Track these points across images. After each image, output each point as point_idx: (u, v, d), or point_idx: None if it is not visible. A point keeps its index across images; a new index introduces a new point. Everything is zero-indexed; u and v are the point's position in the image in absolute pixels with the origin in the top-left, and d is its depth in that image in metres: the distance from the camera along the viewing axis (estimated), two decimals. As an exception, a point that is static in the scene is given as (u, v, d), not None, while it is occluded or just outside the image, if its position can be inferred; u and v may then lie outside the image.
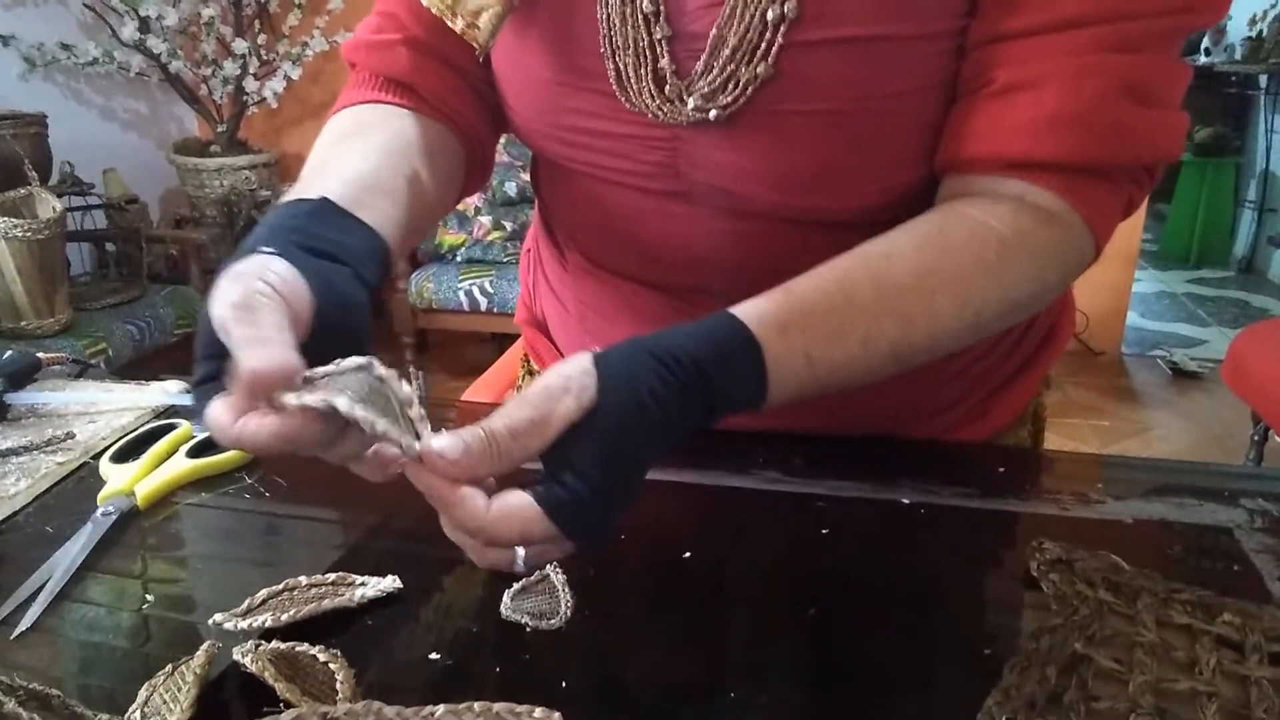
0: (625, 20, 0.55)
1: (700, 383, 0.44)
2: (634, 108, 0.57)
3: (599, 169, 0.62)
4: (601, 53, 0.56)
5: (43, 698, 0.41)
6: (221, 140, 3.26)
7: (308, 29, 3.19)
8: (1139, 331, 3.80)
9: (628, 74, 0.56)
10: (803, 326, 0.48)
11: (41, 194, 2.36)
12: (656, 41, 0.55)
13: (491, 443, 0.41)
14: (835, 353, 0.49)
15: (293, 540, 0.60)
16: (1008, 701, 0.42)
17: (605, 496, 0.42)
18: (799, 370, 0.48)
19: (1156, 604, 0.48)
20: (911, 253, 0.52)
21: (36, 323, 2.30)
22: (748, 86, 0.54)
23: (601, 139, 0.60)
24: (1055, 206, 0.53)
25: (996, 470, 0.65)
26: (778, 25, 0.52)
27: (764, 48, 0.52)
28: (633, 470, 0.43)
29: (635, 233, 0.64)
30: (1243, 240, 4.86)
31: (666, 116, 0.56)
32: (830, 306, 0.49)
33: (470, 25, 0.57)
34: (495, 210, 3.24)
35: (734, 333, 0.46)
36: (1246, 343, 2.22)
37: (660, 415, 0.43)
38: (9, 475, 0.64)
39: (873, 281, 0.51)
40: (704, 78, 0.55)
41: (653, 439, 0.43)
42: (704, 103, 0.55)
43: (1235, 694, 0.42)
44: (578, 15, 0.57)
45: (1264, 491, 0.62)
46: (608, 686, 0.46)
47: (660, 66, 0.55)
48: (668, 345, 0.44)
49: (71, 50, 2.91)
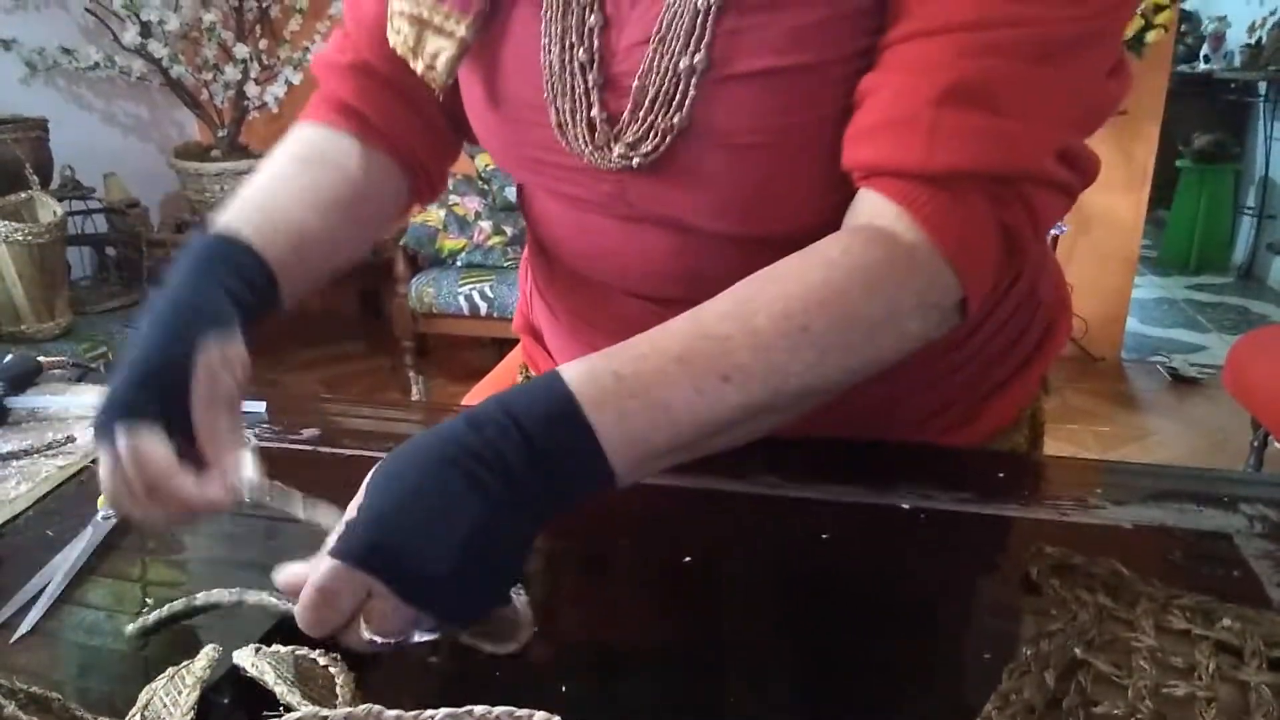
0: (564, 66, 0.56)
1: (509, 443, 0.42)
2: (572, 150, 0.58)
3: (562, 196, 0.64)
4: (546, 98, 0.58)
5: (43, 701, 0.41)
6: (222, 145, 3.26)
7: (309, 34, 3.19)
8: (1139, 337, 3.80)
9: (565, 119, 0.57)
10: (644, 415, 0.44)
11: (42, 198, 2.36)
12: (590, 89, 0.56)
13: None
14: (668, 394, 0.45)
15: (293, 544, 0.59)
16: (1007, 706, 0.42)
17: (390, 522, 0.41)
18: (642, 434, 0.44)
19: (1156, 609, 0.48)
20: (736, 289, 0.49)
21: (37, 326, 2.30)
22: (666, 135, 0.54)
23: (556, 169, 0.61)
24: (897, 226, 0.50)
25: (996, 475, 0.65)
26: (690, 75, 0.52)
27: (679, 98, 0.53)
28: (428, 506, 0.41)
29: (602, 247, 0.65)
30: (1242, 246, 4.86)
31: (599, 162, 0.57)
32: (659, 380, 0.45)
33: (429, 67, 0.60)
34: (496, 215, 3.25)
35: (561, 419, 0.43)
36: (1246, 349, 2.22)
37: (454, 455, 0.41)
38: (9, 479, 0.64)
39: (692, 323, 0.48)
40: (629, 127, 0.56)
41: (447, 474, 0.41)
42: (628, 150, 0.56)
43: (1234, 699, 0.42)
44: (524, 56, 0.58)
45: (1263, 497, 0.62)
46: (608, 691, 0.46)
47: (593, 115, 0.57)
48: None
49: (73, 55, 2.92)
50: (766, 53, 0.51)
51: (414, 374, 3.27)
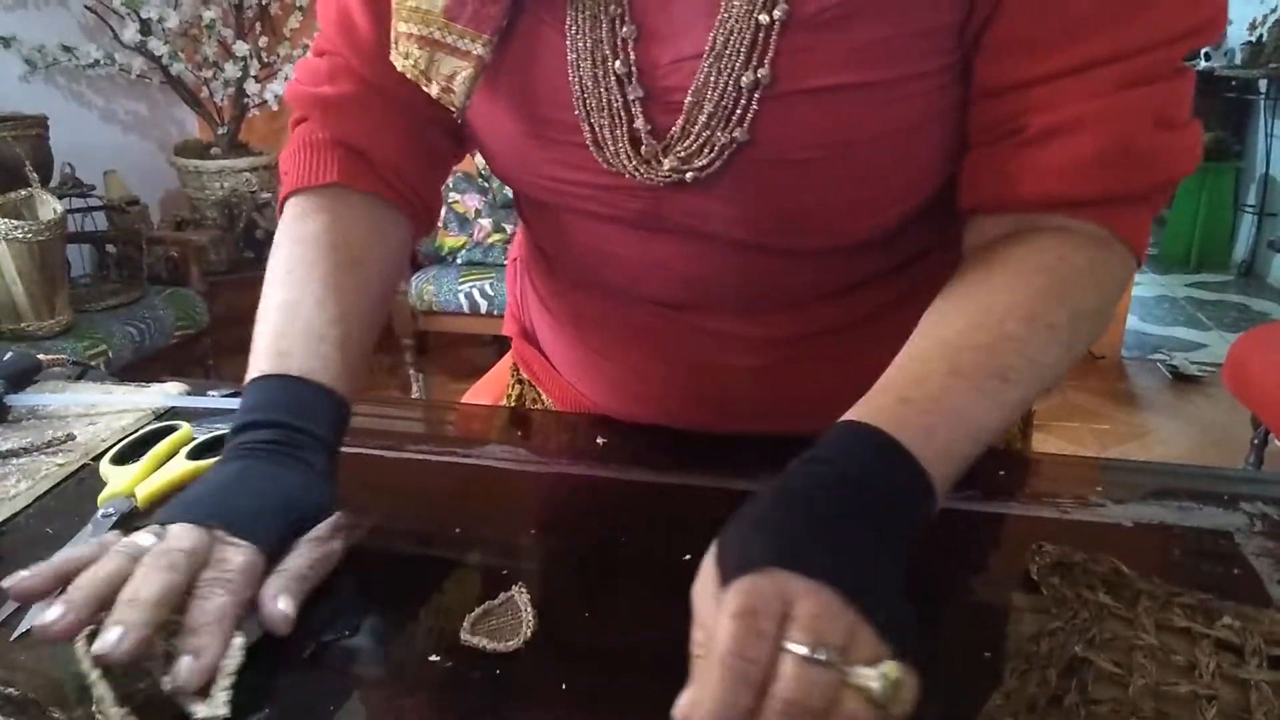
0: (598, 82, 0.54)
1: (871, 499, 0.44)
2: (611, 167, 0.56)
3: (583, 212, 0.62)
4: (575, 112, 0.56)
5: (19, 703, 0.41)
6: (222, 142, 3.26)
7: (309, 31, 3.19)
8: (1139, 335, 3.80)
9: (603, 135, 0.55)
10: (945, 427, 0.47)
11: (42, 196, 2.36)
12: (630, 103, 0.54)
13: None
14: (969, 433, 0.48)
15: (293, 542, 0.59)
16: (1008, 704, 0.42)
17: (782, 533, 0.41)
18: (955, 462, 0.47)
19: (1156, 607, 0.48)
20: (964, 306, 0.53)
21: (37, 324, 2.30)
22: (724, 151, 0.53)
23: (582, 188, 0.59)
24: (1099, 233, 0.54)
25: (996, 473, 0.65)
26: (752, 90, 0.51)
27: (739, 113, 0.52)
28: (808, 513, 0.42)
29: (621, 257, 0.64)
30: (1243, 244, 4.86)
31: (643, 177, 0.56)
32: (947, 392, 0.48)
33: (445, 90, 0.57)
34: (496, 213, 3.25)
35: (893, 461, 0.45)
36: (1246, 347, 2.22)
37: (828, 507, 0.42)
38: (9, 477, 0.64)
39: (974, 350, 0.50)
40: (680, 142, 0.54)
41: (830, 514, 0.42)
42: (680, 164, 0.55)
43: (1235, 697, 0.42)
44: (547, 72, 0.56)
45: (1264, 495, 0.62)
46: (608, 690, 0.45)
47: (635, 127, 0.55)
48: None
49: (73, 52, 2.92)
50: (831, 69, 0.50)
51: (414, 371, 3.27)
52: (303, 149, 0.66)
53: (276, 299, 0.61)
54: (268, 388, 0.56)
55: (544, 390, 0.82)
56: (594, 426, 0.73)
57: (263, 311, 0.60)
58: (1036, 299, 0.52)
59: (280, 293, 0.61)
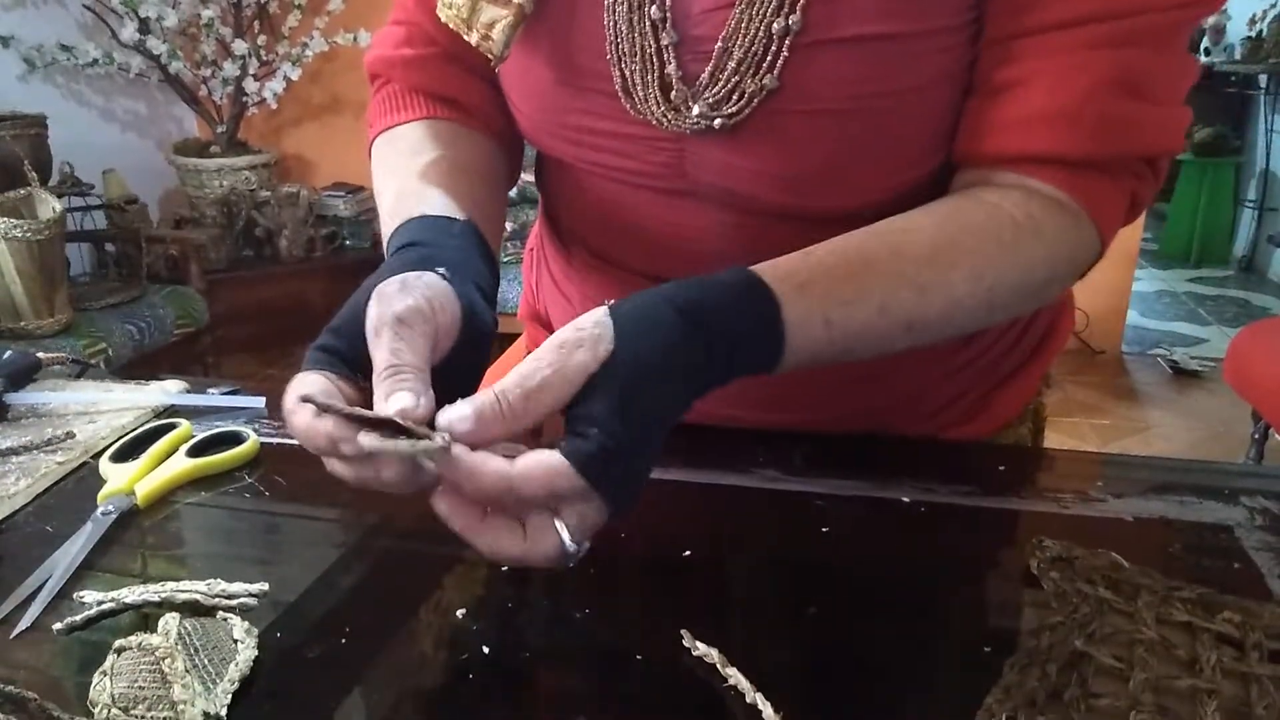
0: (632, 27, 0.55)
1: (719, 336, 0.44)
2: (639, 114, 0.57)
3: (605, 168, 0.62)
4: (607, 58, 0.57)
5: (19, 700, 0.41)
6: (221, 141, 3.26)
7: (307, 30, 3.19)
8: (1139, 330, 3.80)
9: (633, 80, 0.56)
10: (822, 288, 0.48)
11: (41, 194, 2.36)
12: (664, 48, 0.55)
13: (502, 402, 0.41)
14: (852, 317, 0.49)
15: (293, 539, 0.60)
16: (1008, 699, 0.42)
17: (629, 447, 0.41)
18: (816, 332, 0.48)
19: (1157, 602, 0.48)
20: (929, 227, 0.53)
21: (36, 323, 2.30)
22: (753, 98, 0.54)
23: (607, 139, 0.60)
24: (1060, 198, 0.54)
25: (997, 468, 0.65)
26: (783, 37, 0.52)
27: (769, 59, 0.52)
28: (653, 423, 0.43)
29: (641, 227, 0.64)
30: (1243, 239, 4.86)
31: (671, 124, 0.56)
32: (849, 271, 0.50)
33: (485, 38, 0.58)
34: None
35: (753, 288, 0.47)
36: (1247, 341, 2.21)
37: (679, 366, 0.43)
38: (9, 475, 0.64)
39: (890, 251, 0.51)
40: (709, 88, 0.55)
41: (672, 391, 0.43)
42: (709, 111, 0.55)
43: (1235, 691, 0.42)
44: (583, 20, 0.57)
45: (1264, 489, 0.62)
46: (608, 688, 0.45)
47: (667, 73, 0.56)
48: (687, 296, 0.44)
49: (71, 51, 2.91)
50: (861, 19, 0.51)
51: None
52: (391, 97, 0.67)
53: (394, 187, 0.59)
54: (408, 226, 0.53)
55: None
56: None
57: (392, 191, 0.59)
58: (993, 260, 0.52)
59: (397, 182, 0.59)
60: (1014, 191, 0.54)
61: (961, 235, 0.52)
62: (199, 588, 0.50)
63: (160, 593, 0.49)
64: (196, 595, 0.49)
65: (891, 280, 0.50)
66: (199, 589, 0.50)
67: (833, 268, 0.49)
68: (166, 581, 0.51)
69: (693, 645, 0.45)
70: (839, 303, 0.49)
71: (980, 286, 0.52)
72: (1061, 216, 0.54)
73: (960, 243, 0.52)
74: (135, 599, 0.49)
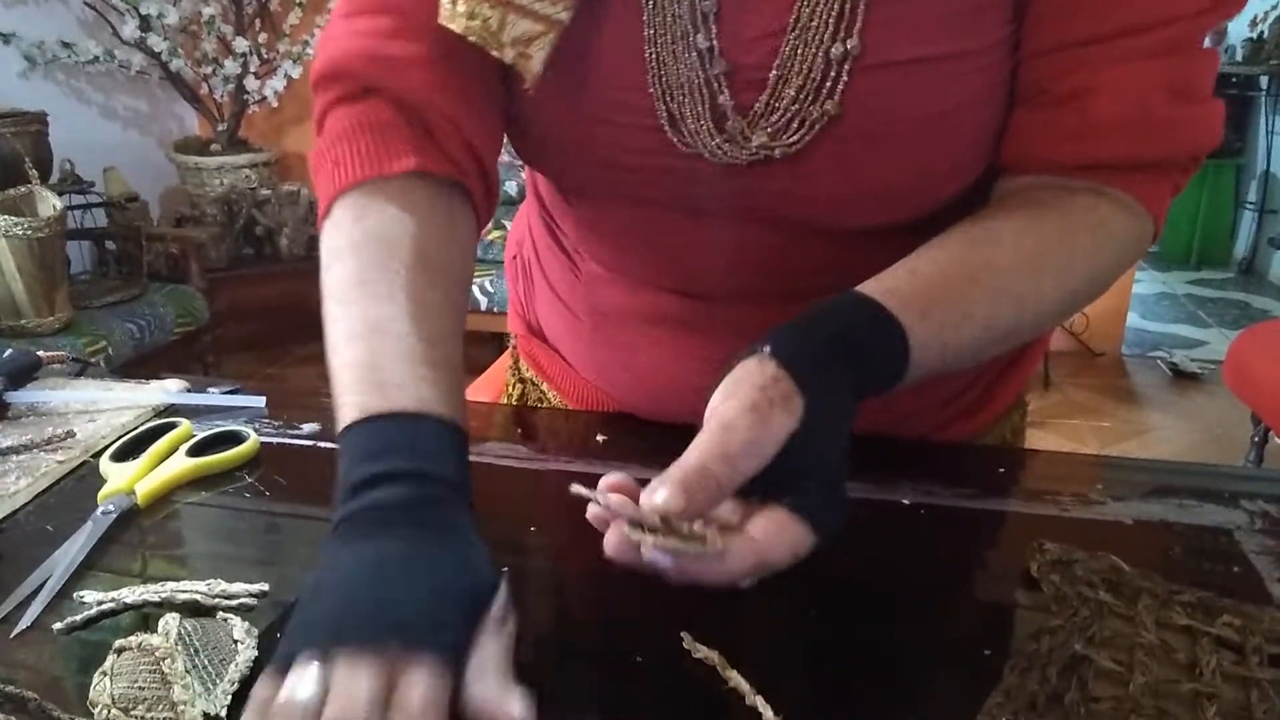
0: (677, 58, 0.53)
1: (872, 377, 0.47)
2: (689, 148, 0.55)
3: (633, 195, 0.60)
4: (650, 92, 0.54)
5: (19, 701, 0.41)
6: (222, 139, 3.26)
7: (308, 27, 3.19)
8: (1139, 332, 3.80)
9: (681, 113, 0.54)
10: (940, 313, 0.49)
11: (42, 192, 2.36)
12: (714, 77, 0.53)
13: (709, 478, 0.41)
14: (963, 337, 0.50)
15: (293, 539, 0.60)
16: (1008, 702, 0.42)
17: (840, 488, 0.45)
18: (932, 359, 0.49)
19: (1157, 605, 0.48)
20: (1012, 236, 0.54)
21: (36, 321, 2.30)
22: (814, 125, 0.53)
23: (641, 172, 0.58)
24: (1124, 198, 0.55)
25: (996, 471, 0.65)
26: (842, 62, 0.51)
27: (829, 85, 0.52)
28: (844, 457, 0.45)
29: (665, 245, 0.63)
30: (1243, 241, 4.86)
31: (726, 155, 0.55)
32: (959, 293, 0.50)
33: (521, 55, 0.52)
34: (496, 210, 3.24)
35: (883, 322, 0.47)
36: (1247, 344, 2.22)
37: (850, 403, 0.45)
38: (9, 474, 0.64)
39: (987, 266, 0.52)
40: (766, 117, 0.54)
41: (849, 429, 0.45)
42: (769, 140, 0.54)
43: (1235, 695, 0.42)
44: (620, 51, 0.54)
45: (1264, 493, 0.62)
46: (606, 689, 0.45)
47: (720, 103, 0.54)
48: (838, 332, 0.46)
49: (72, 48, 2.91)
50: (919, 40, 0.51)
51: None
52: (359, 133, 0.55)
53: (356, 319, 0.50)
54: (382, 430, 0.45)
55: (554, 388, 0.80)
56: (594, 424, 0.72)
57: (341, 335, 0.50)
58: (1074, 260, 0.54)
59: (358, 310, 0.50)
60: (1083, 195, 0.55)
61: (1045, 243, 0.53)
62: (199, 588, 0.50)
63: (160, 593, 0.49)
64: (196, 595, 0.49)
65: (993, 296, 0.51)
66: (199, 589, 0.50)
67: (943, 289, 0.50)
68: (166, 581, 0.51)
69: (693, 648, 0.45)
70: (952, 325, 0.49)
71: (1065, 291, 0.54)
72: (1126, 214, 0.55)
73: (1045, 251, 0.53)
74: (135, 599, 0.49)
